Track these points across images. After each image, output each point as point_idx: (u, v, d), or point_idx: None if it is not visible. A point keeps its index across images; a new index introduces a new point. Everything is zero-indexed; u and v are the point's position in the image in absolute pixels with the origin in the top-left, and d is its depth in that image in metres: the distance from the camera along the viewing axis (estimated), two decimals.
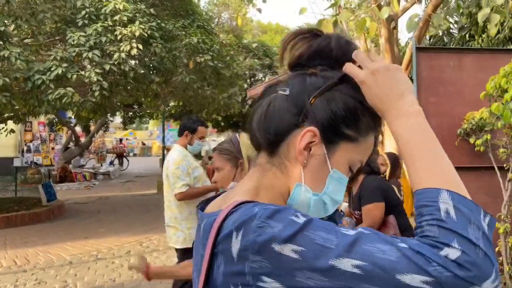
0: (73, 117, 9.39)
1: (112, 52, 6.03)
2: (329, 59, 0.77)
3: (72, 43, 5.90)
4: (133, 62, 6.68)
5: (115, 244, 6.81)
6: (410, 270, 0.55)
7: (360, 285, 0.57)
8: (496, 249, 4.42)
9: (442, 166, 0.68)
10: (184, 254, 3.24)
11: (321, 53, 0.77)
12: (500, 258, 4.40)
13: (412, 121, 0.69)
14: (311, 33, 0.79)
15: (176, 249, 3.43)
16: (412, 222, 7.61)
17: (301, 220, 0.62)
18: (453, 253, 0.56)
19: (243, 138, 1.76)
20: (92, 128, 18.48)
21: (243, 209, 0.67)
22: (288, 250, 0.60)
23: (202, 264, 0.70)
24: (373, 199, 3.00)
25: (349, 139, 0.75)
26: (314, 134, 0.73)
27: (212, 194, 1.64)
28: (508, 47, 7.95)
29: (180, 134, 3.57)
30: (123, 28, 6.00)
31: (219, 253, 0.67)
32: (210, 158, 19.76)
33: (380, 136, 7.87)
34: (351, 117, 0.74)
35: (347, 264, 0.58)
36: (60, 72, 5.54)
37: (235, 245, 0.63)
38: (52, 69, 5.47)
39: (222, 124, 20.49)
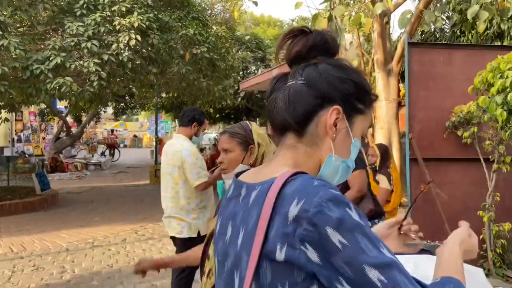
0: (66, 107, 9.39)
1: (110, 43, 6.09)
2: (325, 51, 0.92)
3: (71, 32, 5.93)
4: (130, 52, 6.73)
5: (110, 232, 6.91)
6: None
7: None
8: (481, 236, 4.63)
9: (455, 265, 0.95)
10: (186, 243, 3.27)
11: (317, 47, 0.91)
12: (484, 246, 4.61)
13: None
14: (303, 31, 0.93)
15: (176, 239, 3.39)
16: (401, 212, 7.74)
17: (355, 217, 0.75)
18: None
19: (254, 126, 1.86)
20: (84, 118, 18.42)
21: (302, 179, 0.80)
22: (336, 238, 0.72)
23: (257, 224, 0.80)
24: (357, 168, 3.13)
25: (361, 112, 0.92)
26: (339, 111, 0.88)
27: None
28: (496, 44, 8.16)
29: (187, 124, 3.46)
30: (121, 19, 6.05)
31: (276, 214, 0.78)
32: (201, 150, 19.77)
33: (371, 129, 8.05)
34: (360, 94, 0.91)
35: (374, 275, 0.71)
36: (58, 61, 5.58)
37: (293, 210, 0.75)
38: (51, 58, 5.51)
39: (215, 116, 20.51)
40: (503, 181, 4.67)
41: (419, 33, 10.45)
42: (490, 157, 4.44)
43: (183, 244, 3.32)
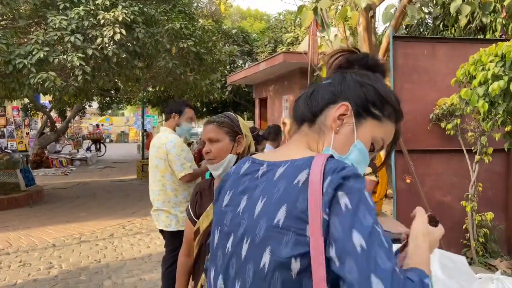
0: (50, 101, 9.26)
1: (94, 37, 6.01)
2: (363, 66, 1.01)
3: (54, 26, 5.84)
4: (115, 46, 6.65)
5: (97, 227, 6.87)
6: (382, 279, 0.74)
7: (353, 253, 0.75)
8: (464, 226, 4.74)
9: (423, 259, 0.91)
10: (175, 236, 3.31)
11: (357, 61, 1.01)
12: (467, 235, 4.72)
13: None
14: (352, 51, 1.04)
15: (165, 232, 3.40)
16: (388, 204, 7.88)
17: (361, 186, 0.82)
18: None
19: (239, 118, 1.87)
20: (68, 113, 18.17)
21: (337, 160, 0.88)
22: (343, 201, 0.79)
23: (282, 196, 0.85)
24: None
25: (374, 116, 0.97)
26: (347, 108, 0.95)
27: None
28: (479, 37, 8.29)
29: (168, 117, 3.53)
30: (105, 13, 5.97)
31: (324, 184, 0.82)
32: (189, 144, 19.69)
33: None
34: (377, 100, 0.97)
35: (357, 240, 0.75)
36: (41, 55, 5.49)
37: (332, 180, 0.81)
38: (34, 52, 5.42)
39: (202, 110, 20.44)
40: (485, 172, 4.78)
41: (404, 27, 10.55)
42: (472, 148, 4.54)
43: (172, 237, 3.35)
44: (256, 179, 0.96)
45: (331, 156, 0.88)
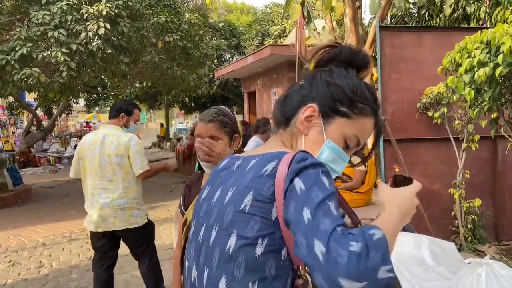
0: (35, 99, 9.11)
1: (78, 31, 5.91)
2: (345, 62, 1.01)
3: (36, 22, 5.72)
4: (100, 41, 6.55)
5: None
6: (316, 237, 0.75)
7: (302, 227, 0.78)
8: (452, 213, 4.80)
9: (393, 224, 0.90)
10: (143, 231, 3.37)
11: (335, 58, 1.02)
12: (456, 222, 4.78)
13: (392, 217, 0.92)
14: (332, 45, 1.04)
15: (129, 230, 3.28)
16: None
17: (318, 172, 0.84)
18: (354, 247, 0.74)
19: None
20: (55, 111, 17.93)
21: (302, 154, 0.90)
22: (298, 185, 0.82)
23: (249, 182, 0.89)
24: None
25: (343, 115, 0.97)
26: (314, 109, 0.97)
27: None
28: (463, 26, 8.36)
29: (115, 116, 3.42)
30: (89, 7, 5.87)
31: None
32: (178, 140, 19.52)
33: None
34: (345, 98, 0.97)
35: (306, 215, 0.78)
36: (25, 52, 5.39)
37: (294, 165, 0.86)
38: (17, 48, 5.32)
39: (190, 105, 20.34)
40: (472, 159, 4.84)
41: (389, 18, 10.58)
42: (460, 136, 4.59)
43: (141, 233, 3.37)
44: (231, 172, 0.99)
45: (304, 151, 0.91)
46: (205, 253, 0.93)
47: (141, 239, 3.41)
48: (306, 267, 0.83)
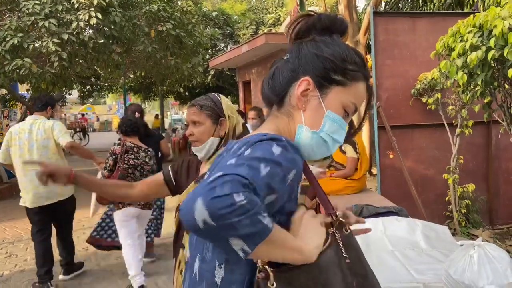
0: (28, 90, 9.04)
1: (69, 21, 5.83)
2: (324, 30, 0.98)
3: (27, 11, 5.65)
4: (91, 31, 6.48)
5: (84, 216, 6.78)
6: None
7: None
8: (446, 198, 4.84)
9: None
10: (71, 201, 4.09)
11: (316, 27, 0.98)
12: (450, 207, 4.82)
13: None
14: (307, 15, 1.00)
15: (60, 202, 3.92)
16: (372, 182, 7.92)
17: (268, 145, 0.83)
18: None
19: (223, 99, 1.84)
20: None
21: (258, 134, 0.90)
22: (241, 151, 0.83)
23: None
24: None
25: (338, 83, 0.94)
26: (308, 82, 0.93)
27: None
28: (457, 11, 8.33)
29: (42, 109, 4.00)
30: None
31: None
32: (174, 130, 19.52)
33: None
34: (337, 66, 0.94)
35: (231, 160, 0.80)
36: (15, 42, 5.32)
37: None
38: (7, 39, 5.25)
39: (184, 95, 20.24)
40: (466, 145, 4.86)
41: (383, 4, 10.53)
42: (453, 121, 4.60)
43: (71, 202, 4.10)
44: (223, 157, 0.98)
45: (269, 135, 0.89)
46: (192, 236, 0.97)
47: (69, 208, 4.14)
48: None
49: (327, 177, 4.22)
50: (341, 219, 0.95)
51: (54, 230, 4.18)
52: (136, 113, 4.33)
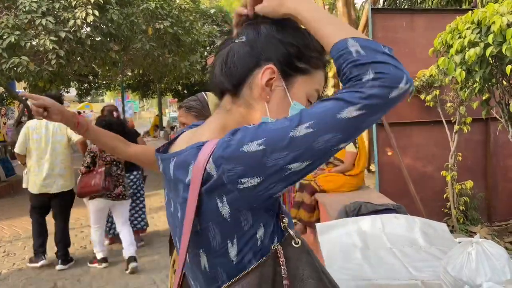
0: (25, 88, 9.03)
1: (66, 19, 5.81)
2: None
3: (24, 9, 5.62)
4: (89, 29, 6.45)
5: (82, 214, 6.78)
6: (344, 107, 0.70)
7: (316, 139, 0.71)
8: (444, 195, 4.84)
9: (343, 25, 0.80)
10: (71, 193, 4.55)
11: None
12: (448, 204, 4.83)
13: (311, 4, 0.83)
14: None
15: (63, 193, 4.48)
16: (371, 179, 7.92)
17: (254, 126, 0.75)
18: (369, 76, 0.70)
19: (211, 97, 1.84)
20: None
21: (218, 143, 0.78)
22: (254, 146, 0.71)
23: (187, 193, 0.79)
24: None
25: (303, 72, 0.86)
26: (273, 70, 0.83)
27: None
28: (455, 8, 8.32)
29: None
30: None
31: (204, 179, 0.76)
32: (172, 128, 19.41)
33: None
34: (301, 52, 0.86)
35: (301, 129, 0.70)
36: (13, 40, 5.30)
37: (211, 166, 0.74)
38: (4, 37, 5.23)
39: (183, 92, 20.22)
40: (464, 142, 4.86)
41: (382, 0, 10.52)
42: (452, 118, 4.60)
43: (71, 195, 4.57)
44: (166, 176, 0.91)
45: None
46: (192, 271, 0.88)
47: (69, 200, 4.60)
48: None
49: (325, 174, 4.22)
50: (290, 230, 0.83)
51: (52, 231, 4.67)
52: (115, 113, 4.76)
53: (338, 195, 3.91)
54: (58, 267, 4.48)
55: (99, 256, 4.48)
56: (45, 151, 4.41)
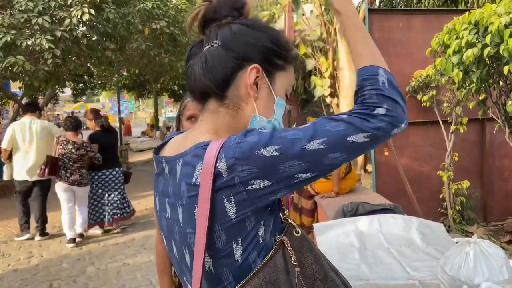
0: (20, 88, 8.97)
1: (62, 18, 5.77)
2: (231, 8, 0.91)
3: (20, 8, 5.58)
4: (85, 28, 6.42)
5: None
6: (355, 132, 0.76)
7: (326, 155, 0.76)
8: (441, 195, 4.86)
9: (376, 52, 0.88)
10: (46, 181, 5.57)
11: (222, 7, 0.90)
12: (444, 204, 4.84)
13: (356, 20, 0.90)
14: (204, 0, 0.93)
15: (39, 181, 5.49)
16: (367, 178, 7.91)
17: (269, 130, 0.80)
18: (382, 111, 0.78)
19: None
20: (40, 101, 17.62)
21: (226, 142, 0.79)
22: (270, 150, 0.75)
23: (194, 193, 0.79)
24: None
25: (281, 68, 0.91)
26: (258, 69, 0.87)
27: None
28: (452, 8, 8.36)
29: (35, 111, 5.73)
30: None
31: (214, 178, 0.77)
32: (168, 128, 19.34)
33: (335, 98, 8.07)
34: (277, 50, 0.90)
35: (314, 144, 0.75)
36: (8, 39, 5.26)
37: (222, 165, 0.76)
38: (0, 36, 5.19)
39: (179, 93, 20.18)
40: (460, 142, 4.88)
41: (378, 1, 10.55)
42: (448, 119, 4.62)
43: (47, 183, 5.61)
44: (166, 180, 0.91)
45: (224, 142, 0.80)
46: (188, 272, 0.88)
47: (47, 186, 5.67)
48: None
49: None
50: (290, 221, 0.87)
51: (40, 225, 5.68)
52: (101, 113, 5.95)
53: (338, 197, 3.90)
54: (37, 238, 5.60)
55: (68, 236, 5.31)
56: (29, 147, 5.46)
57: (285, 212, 0.88)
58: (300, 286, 0.81)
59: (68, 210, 5.30)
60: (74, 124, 5.43)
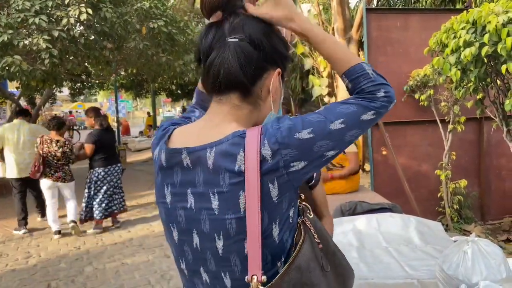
0: (18, 88, 8.94)
1: (59, 17, 5.75)
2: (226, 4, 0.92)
3: (17, 8, 5.56)
4: (82, 27, 6.40)
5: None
6: (365, 111, 0.89)
7: (346, 133, 0.87)
8: (438, 194, 4.87)
9: (350, 51, 0.99)
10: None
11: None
12: (442, 203, 4.85)
13: (323, 32, 0.97)
14: None
15: (25, 178, 5.87)
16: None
17: (296, 117, 0.89)
18: (381, 93, 0.90)
19: None
20: (38, 101, 17.56)
21: (264, 129, 0.87)
22: (305, 133, 0.84)
23: (239, 180, 0.84)
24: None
25: (285, 69, 0.99)
26: (280, 73, 0.95)
27: None
28: (449, 7, 8.37)
29: (26, 115, 6.35)
30: None
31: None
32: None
33: (333, 98, 8.08)
34: (289, 59, 0.99)
35: (336, 124, 0.86)
36: (5, 39, 5.23)
37: (267, 151, 0.83)
38: None
39: (177, 92, 20.14)
40: (458, 141, 4.89)
41: (375, 1, 10.55)
42: (446, 118, 4.63)
43: (34, 180, 5.65)
44: (188, 170, 0.91)
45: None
46: (215, 260, 0.90)
47: (39, 181, 5.69)
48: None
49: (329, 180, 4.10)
50: (303, 204, 0.98)
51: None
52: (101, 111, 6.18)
53: (333, 195, 3.89)
54: (39, 219, 6.38)
55: (53, 228, 5.67)
56: (19, 147, 5.94)
57: (301, 195, 0.98)
58: (325, 262, 0.94)
59: (52, 205, 5.65)
60: (57, 124, 5.70)
